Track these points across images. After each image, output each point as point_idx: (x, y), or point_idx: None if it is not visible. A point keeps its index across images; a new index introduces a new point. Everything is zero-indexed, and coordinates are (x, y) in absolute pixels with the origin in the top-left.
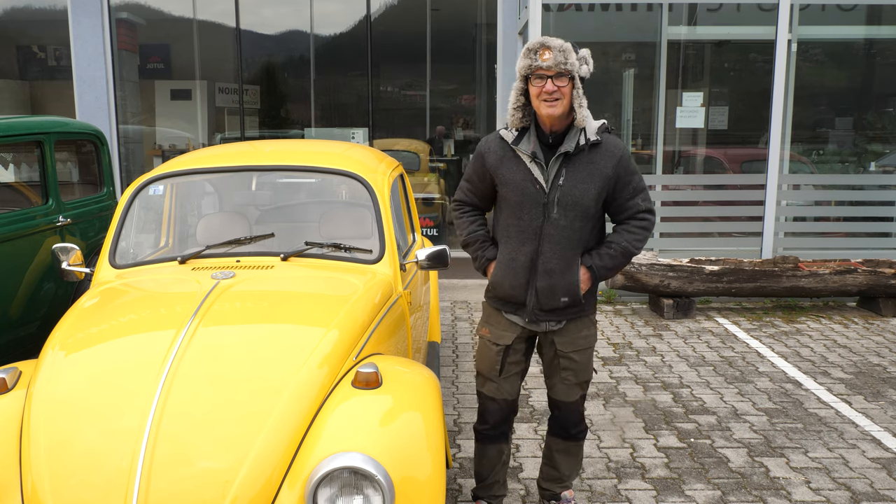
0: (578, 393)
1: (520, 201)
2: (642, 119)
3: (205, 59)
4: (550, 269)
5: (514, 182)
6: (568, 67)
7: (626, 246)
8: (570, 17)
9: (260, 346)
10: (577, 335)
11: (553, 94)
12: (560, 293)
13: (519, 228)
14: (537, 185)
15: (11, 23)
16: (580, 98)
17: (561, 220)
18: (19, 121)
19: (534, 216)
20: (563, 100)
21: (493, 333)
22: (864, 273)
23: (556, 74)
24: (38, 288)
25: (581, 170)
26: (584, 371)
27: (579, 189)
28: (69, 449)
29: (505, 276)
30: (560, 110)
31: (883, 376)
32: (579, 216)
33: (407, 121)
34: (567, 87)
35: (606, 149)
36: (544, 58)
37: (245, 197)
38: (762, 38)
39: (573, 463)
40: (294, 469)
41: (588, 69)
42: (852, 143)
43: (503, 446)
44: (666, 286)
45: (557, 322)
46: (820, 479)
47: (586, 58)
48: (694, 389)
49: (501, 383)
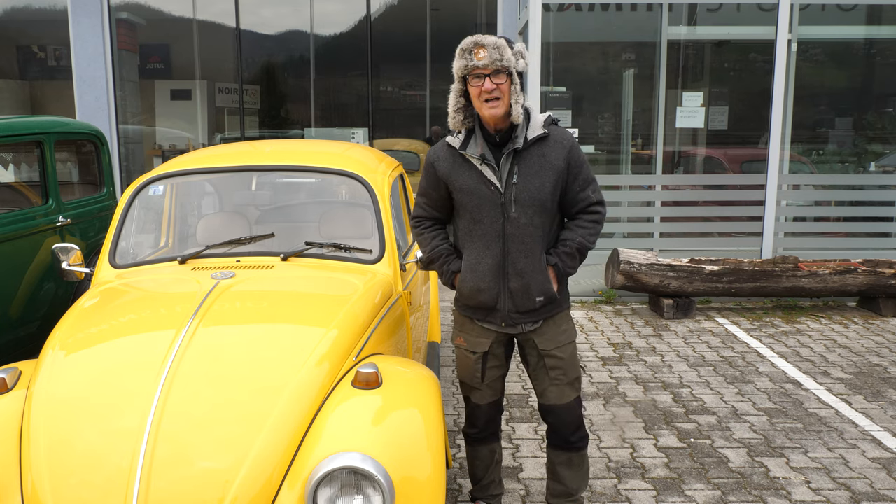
0: (572, 394)
1: (477, 205)
2: (642, 119)
3: (205, 59)
4: (521, 270)
5: (468, 187)
6: (504, 64)
7: (581, 241)
8: (570, 17)
9: (260, 346)
10: (557, 331)
11: (492, 92)
12: (535, 293)
13: (480, 233)
14: (492, 187)
15: (11, 23)
16: (517, 94)
17: (521, 218)
18: (19, 121)
19: (493, 218)
20: (504, 97)
21: (469, 342)
22: (864, 273)
23: (493, 72)
24: (38, 288)
25: (533, 164)
26: (572, 368)
27: (534, 184)
28: (69, 449)
29: (471, 282)
30: (502, 109)
31: (883, 376)
32: (538, 212)
33: (407, 121)
34: (506, 83)
35: (555, 140)
36: (479, 56)
37: (245, 197)
38: (762, 38)
39: (579, 475)
40: (294, 469)
41: (525, 63)
42: (852, 143)
43: (494, 445)
44: (666, 286)
45: (534, 322)
46: (820, 479)
47: (522, 52)
48: (694, 389)
49: (485, 389)
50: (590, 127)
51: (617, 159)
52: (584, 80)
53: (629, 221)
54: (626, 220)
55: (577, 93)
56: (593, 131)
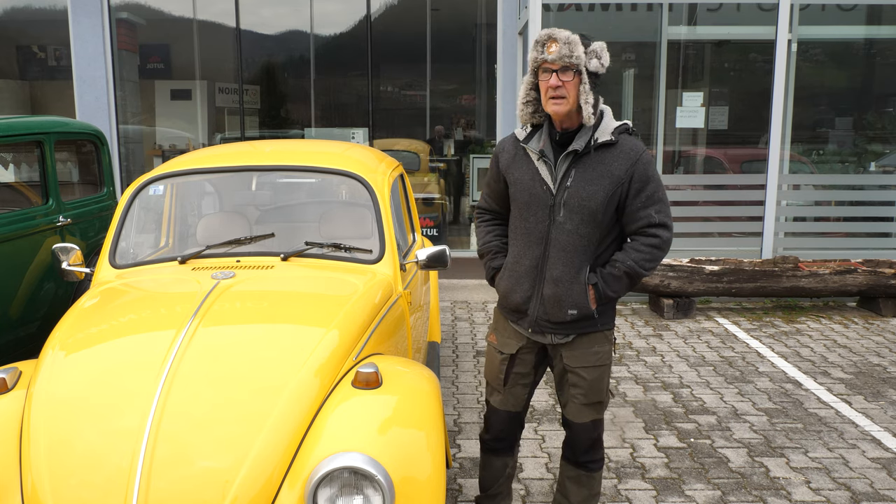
0: (590, 416)
1: (527, 202)
2: (642, 119)
3: (205, 59)
4: (557, 277)
5: (522, 182)
6: (573, 61)
7: (631, 265)
8: (570, 17)
9: (260, 346)
10: (588, 350)
11: (557, 89)
12: (567, 305)
13: (525, 231)
14: (544, 186)
15: (11, 23)
16: (587, 94)
17: (567, 223)
18: (19, 121)
19: (540, 218)
20: (570, 96)
21: (500, 341)
22: (864, 273)
23: (561, 68)
24: (38, 288)
25: (591, 170)
26: (594, 391)
27: (586, 191)
28: (69, 449)
29: (507, 281)
30: (566, 107)
31: (883, 376)
32: (586, 221)
33: (407, 121)
34: (573, 82)
35: (622, 150)
36: (550, 50)
37: (245, 197)
38: (762, 38)
39: (585, 496)
40: (294, 469)
41: (599, 63)
42: (852, 143)
43: (508, 459)
44: (666, 286)
45: (565, 335)
46: (820, 479)
47: (597, 51)
48: (694, 389)
49: (507, 394)
50: None
51: None
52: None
53: None
54: None
55: None
56: None
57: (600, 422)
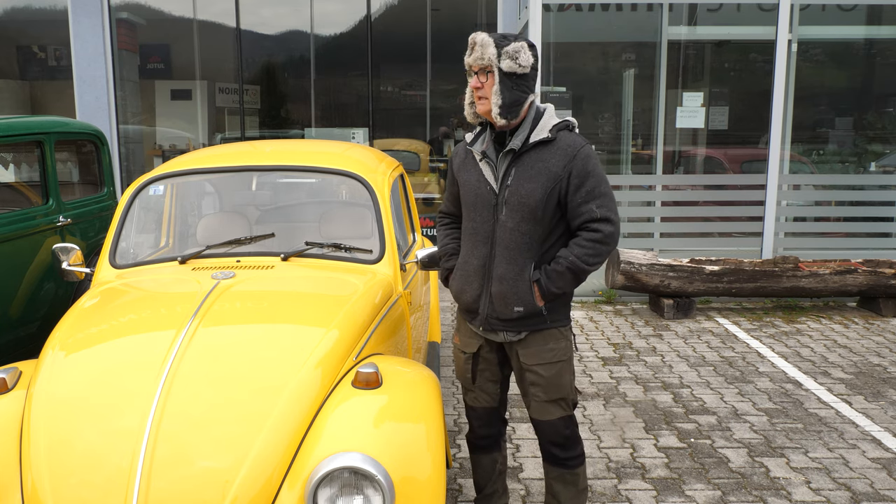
0: (556, 413)
1: (473, 203)
2: (642, 119)
3: (205, 59)
4: (501, 275)
5: (469, 184)
6: (485, 62)
7: (573, 261)
8: (570, 17)
9: (260, 346)
10: (542, 347)
11: (478, 90)
12: (512, 302)
13: (472, 231)
14: (488, 186)
15: (11, 23)
16: (496, 94)
17: (508, 222)
18: (19, 121)
19: (485, 218)
20: (488, 96)
21: (462, 341)
22: (865, 273)
23: (479, 70)
24: (38, 288)
25: (529, 168)
26: (553, 388)
27: (525, 188)
28: (69, 449)
29: (457, 281)
30: (485, 107)
31: (883, 376)
32: (526, 218)
33: (407, 121)
34: (489, 82)
35: (560, 147)
36: (471, 53)
37: (245, 197)
38: (762, 38)
39: (573, 493)
40: (294, 469)
41: (515, 63)
42: (852, 143)
43: (496, 455)
44: (666, 286)
45: (516, 332)
46: (820, 479)
47: (510, 52)
48: (694, 389)
49: (478, 392)
50: (590, 127)
51: (617, 159)
52: (584, 80)
53: (629, 221)
54: (627, 220)
55: (578, 93)
56: (593, 131)
57: (570, 418)
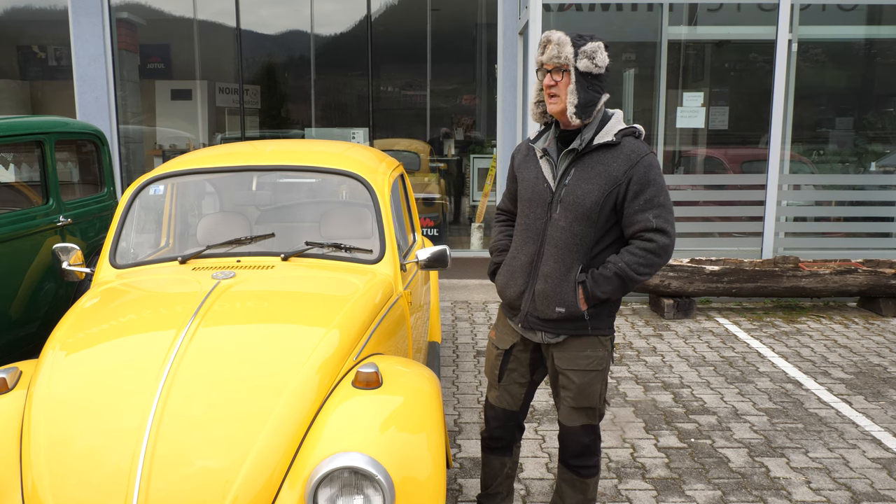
0: (580, 420)
1: (529, 199)
2: (643, 119)
3: (205, 59)
4: (547, 273)
5: (527, 180)
6: (562, 61)
7: (622, 268)
8: (570, 17)
9: (260, 346)
10: (578, 353)
11: (550, 88)
12: (555, 302)
13: (524, 227)
14: (545, 184)
15: (11, 23)
16: (573, 93)
17: (561, 220)
18: (19, 121)
19: (538, 215)
20: (562, 95)
21: (497, 336)
22: (865, 273)
23: (553, 68)
24: (39, 288)
25: (589, 170)
26: (584, 396)
27: (582, 189)
28: (69, 449)
29: (503, 276)
30: (558, 106)
31: (883, 376)
32: (580, 219)
33: (407, 121)
34: (563, 81)
35: (623, 152)
36: (545, 52)
37: (245, 197)
38: (762, 38)
39: (579, 500)
40: (294, 469)
41: (591, 63)
42: (853, 143)
43: (506, 459)
44: (666, 286)
45: (555, 334)
46: (820, 479)
47: (588, 51)
48: (694, 389)
49: (502, 391)
50: None
51: None
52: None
53: None
54: None
55: None
56: None
57: (592, 428)
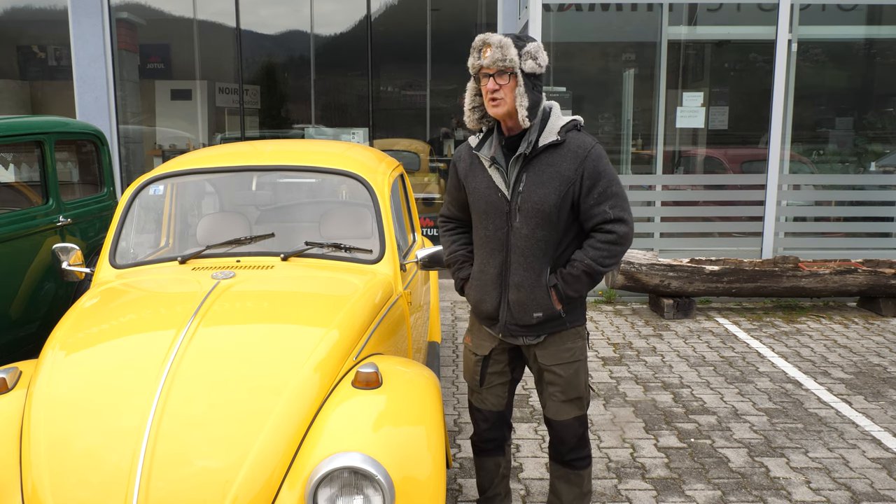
0: (571, 413)
1: (485, 210)
2: (642, 119)
3: (205, 59)
4: (518, 283)
5: (478, 191)
6: (507, 64)
7: (588, 264)
8: (570, 17)
9: (260, 345)
10: (560, 348)
11: (495, 92)
12: (532, 308)
13: (486, 239)
14: (499, 193)
15: (11, 23)
16: (521, 96)
17: (523, 228)
18: (19, 121)
19: (498, 225)
20: (507, 98)
21: (474, 343)
22: (865, 273)
23: (497, 72)
24: (38, 288)
25: (540, 173)
26: (571, 388)
27: (538, 194)
28: (69, 449)
29: (475, 292)
30: (503, 109)
31: (883, 376)
32: (542, 224)
33: (407, 121)
34: (509, 84)
35: (570, 149)
36: (486, 55)
37: (245, 197)
38: (762, 38)
39: (577, 494)
40: (294, 469)
41: (535, 64)
42: (852, 143)
43: (500, 459)
44: (666, 286)
45: (536, 336)
46: (820, 479)
47: (531, 52)
48: (694, 389)
49: (485, 394)
50: (590, 127)
51: (617, 159)
52: (584, 80)
53: None
54: None
55: (578, 93)
56: (593, 131)
57: (583, 418)
